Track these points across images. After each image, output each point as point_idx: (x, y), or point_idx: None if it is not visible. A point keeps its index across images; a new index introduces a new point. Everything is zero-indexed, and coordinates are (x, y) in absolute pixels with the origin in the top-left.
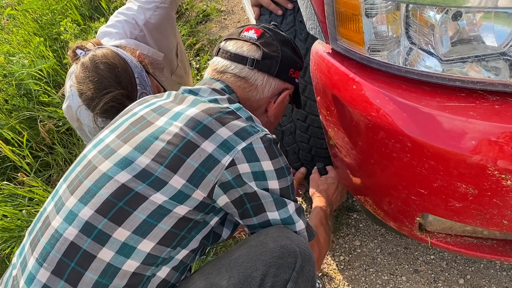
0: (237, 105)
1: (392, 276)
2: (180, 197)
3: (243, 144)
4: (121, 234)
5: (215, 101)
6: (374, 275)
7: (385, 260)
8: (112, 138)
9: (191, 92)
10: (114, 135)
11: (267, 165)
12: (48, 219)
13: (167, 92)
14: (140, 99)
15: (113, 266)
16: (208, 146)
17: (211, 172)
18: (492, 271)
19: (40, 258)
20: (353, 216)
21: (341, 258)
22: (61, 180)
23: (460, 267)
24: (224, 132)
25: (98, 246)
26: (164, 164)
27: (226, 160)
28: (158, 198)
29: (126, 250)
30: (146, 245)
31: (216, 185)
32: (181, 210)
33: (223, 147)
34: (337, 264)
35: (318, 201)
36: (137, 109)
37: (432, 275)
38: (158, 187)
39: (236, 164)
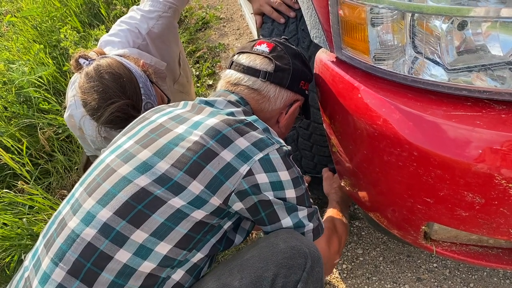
0: (254, 117)
1: (395, 285)
2: (197, 202)
3: (260, 155)
4: (139, 236)
5: (232, 114)
6: (377, 283)
7: (387, 268)
8: (130, 144)
9: (207, 103)
10: (132, 141)
11: (284, 175)
12: (64, 221)
13: (182, 102)
14: (155, 108)
15: (130, 267)
16: (227, 155)
17: (229, 180)
18: (495, 279)
19: (55, 258)
20: (355, 224)
21: (344, 266)
22: (77, 184)
23: (463, 275)
24: (242, 142)
25: (115, 247)
26: (183, 170)
27: (244, 169)
28: (177, 202)
29: (143, 252)
30: (163, 248)
31: (233, 193)
32: (198, 214)
33: (241, 156)
34: (339, 273)
35: (334, 197)
36: (154, 117)
37: (435, 283)
38: (177, 192)
39: (253, 174)
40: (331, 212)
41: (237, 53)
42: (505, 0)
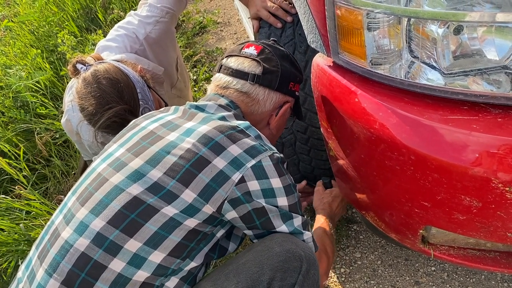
0: (246, 123)
1: None
2: (190, 210)
3: (253, 162)
4: (133, 245)
5: (223, 118)
6: (375, 287)
7: (386, 272)
8: (122, 152)
9: (198, 108)
10: (123, 149)
11: (276, 182)
12: (58, 231)
13: (173, 107)
14: (146, 114)
15: (124, 276)
16: (219, 163)
17: (221, 187)
18: (493, 282)
19: (49, 269)
20: (353, 228)
21: (342, 270)
22: (69, 193)
23: (461, 279)
24: (234, 150)
25: (109, 256)
26: (176, 178)
27: (236, 176)
28: (170, 210)
29: (137, 261)
30: (157, 256)
31: (226, 201)
32: (191, 222)
33: (233, 164)
34: (337, 277)
35: (322, 213)
36: (144, 124)
37: (434, 287)
38: (170, 200)
39: (245, 181)
40: (320, 230)
41: (225, 57)
42: (500, 5)
